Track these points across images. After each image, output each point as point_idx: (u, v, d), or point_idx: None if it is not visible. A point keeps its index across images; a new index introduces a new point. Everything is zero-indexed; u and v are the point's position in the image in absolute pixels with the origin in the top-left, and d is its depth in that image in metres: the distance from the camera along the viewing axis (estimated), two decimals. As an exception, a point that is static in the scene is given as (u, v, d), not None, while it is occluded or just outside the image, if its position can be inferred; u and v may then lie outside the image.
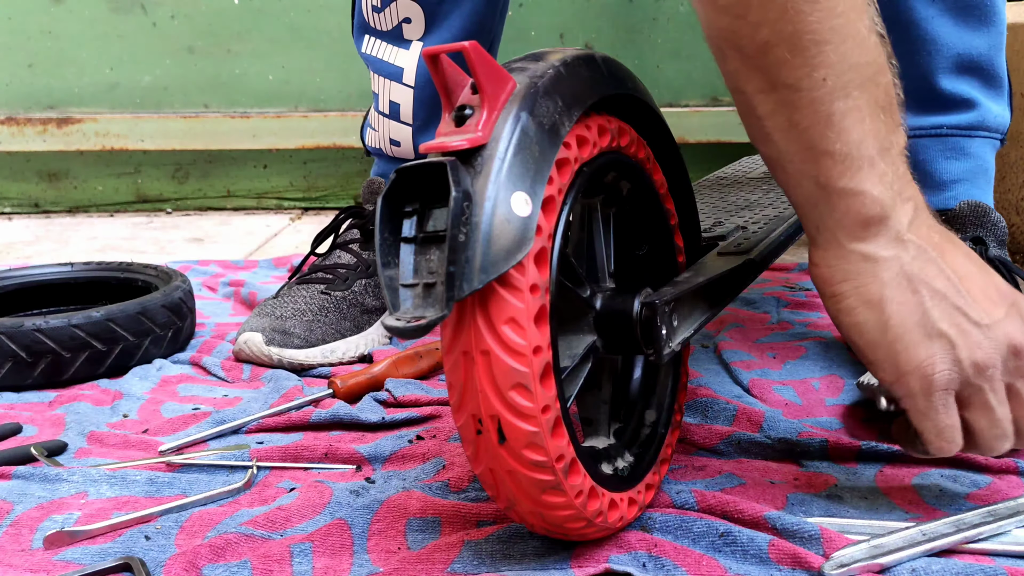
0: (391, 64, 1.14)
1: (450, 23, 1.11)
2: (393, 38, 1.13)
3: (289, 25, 2.03)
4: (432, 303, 0.51)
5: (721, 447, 0.79)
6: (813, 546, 0.62)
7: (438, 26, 1.11)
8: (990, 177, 0.98)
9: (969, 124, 0.96)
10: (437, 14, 1.10)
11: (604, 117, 0.62)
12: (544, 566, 0.61)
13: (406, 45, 1.13)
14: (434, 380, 1.00)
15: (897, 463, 0.77)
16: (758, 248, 0.76)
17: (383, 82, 1.16)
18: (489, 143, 0.52)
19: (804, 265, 1.42)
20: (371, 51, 1.16)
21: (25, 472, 0.77)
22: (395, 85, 1.15)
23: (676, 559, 0.62)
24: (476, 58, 0.52)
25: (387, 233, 0.53)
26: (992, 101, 0.97)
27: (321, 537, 0.66)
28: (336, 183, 2.10)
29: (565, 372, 0.59)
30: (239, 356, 1.06)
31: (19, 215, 2.10)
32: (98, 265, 1.21)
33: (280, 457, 0.81)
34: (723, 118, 1.98)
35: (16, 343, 0.97)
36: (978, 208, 0.93)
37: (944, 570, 0.60)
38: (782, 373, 0.97)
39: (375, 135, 1.20)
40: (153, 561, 0.64)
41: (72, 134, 2.03)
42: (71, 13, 2.01)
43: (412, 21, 1.12)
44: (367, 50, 1.16)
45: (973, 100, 0.96)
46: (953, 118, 0.96)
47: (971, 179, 0.97)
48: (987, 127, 0.97)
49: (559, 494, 0.56)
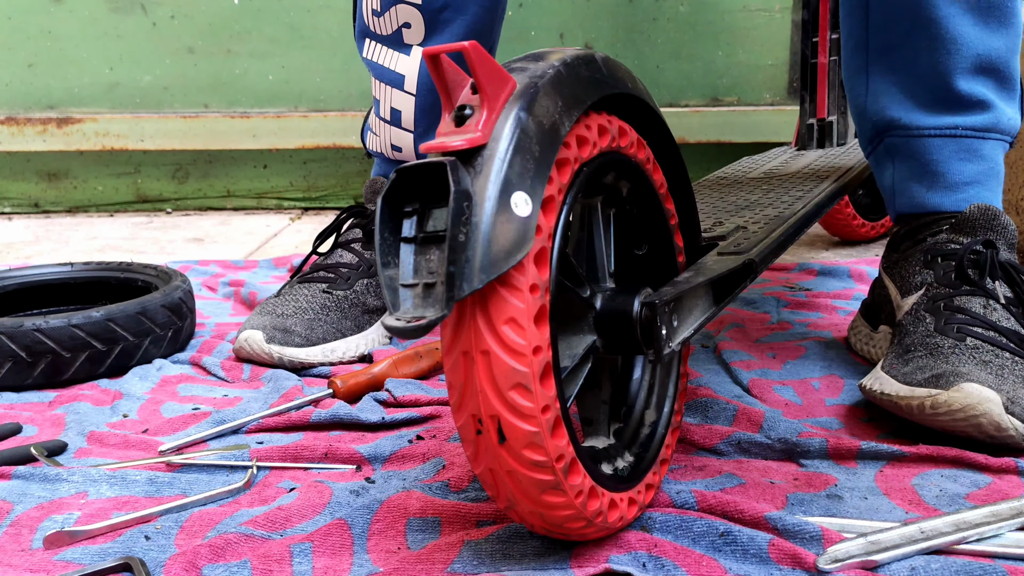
0: (392, 71, 1.14)
1: (451, 30, 1.11)
2: (393, 43, 1.13)
3: (289, 25, 2.03)
4: (432, 303, 0.51)
5: (721, 447, 0.79)
6: (813, 546, 0.62)
7: (438, 32, 1.11)
8: (1000, 180, 0.98)
9: (984, 126, 0.96)
10: (437, 20, 1.10)
11: (604, 117, 0.62)
12: (544, 566, 0.61)
13: (407, 51, 1.13)
14: (434, 380, 1.00)
15: (897, 463, 0.77)
16: (758, 248, 0.76)
17: (384, 88, 1.16)
18: (489, 143, 0.52)
19: (804, 265, 1.43)
20: (372, 56, 1.16)
21: (25, 472, 0.77)
22: (396, 92, 1.14)
23: (676, 559, 0.62)
24: (476, 58, 0.52)
25: (387, 233, 0.53)
26: (1006, 103, 0.97)
27: (321, 537, 0.66)
28: (336, 183, 2.11)
29: (565, 372, 0.59)
30: (240, 354, 1.06)
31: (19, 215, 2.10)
32: (98, 265, 1.21)
33: (280, 457, 0.81)
34: (723, 118, 1.98)
35: (16, 343, 0.97)
36: (988, 211, 0.93)
37: (943, 568, 0.60)
38: (782, 373, 0.97)
39: (376, 139, 1.20)
40: (153, 561, 0.64)
41: (72, 134, 2.03)
42: (71, 13, 2.01)
43: (412, 26, 1.11)
44: (368, 55, 1.16)
45: (988, 102, 0.95)
46: (969, 119, 0.95)
47: (983, 182, 0.96)
48: (1000, 129, 0.96)
49: (559, 494, 0.56)
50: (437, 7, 1.10)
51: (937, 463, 0.76)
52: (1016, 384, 0.78)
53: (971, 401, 0.75)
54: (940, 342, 0.84)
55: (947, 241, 0.93)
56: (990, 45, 0.94)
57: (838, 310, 1.20)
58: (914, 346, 0.85)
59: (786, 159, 1.36)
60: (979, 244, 0.91)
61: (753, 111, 1.99)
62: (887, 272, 0.99)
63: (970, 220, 0.93)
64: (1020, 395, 0.77)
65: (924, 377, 0.79)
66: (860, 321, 1.04)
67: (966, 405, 0.75)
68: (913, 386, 0.78)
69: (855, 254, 1.56)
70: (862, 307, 1.05)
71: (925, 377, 0.79)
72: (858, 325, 1.04)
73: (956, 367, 0.79)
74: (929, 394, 0.77)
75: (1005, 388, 0.77)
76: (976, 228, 0.92)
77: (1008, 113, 0.97)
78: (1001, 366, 0.80)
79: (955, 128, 0.96)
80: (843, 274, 1.37)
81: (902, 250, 0.98)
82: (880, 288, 1.01)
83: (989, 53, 0.94)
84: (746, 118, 1.98)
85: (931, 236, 0.95)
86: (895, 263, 0.98)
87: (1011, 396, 0.76)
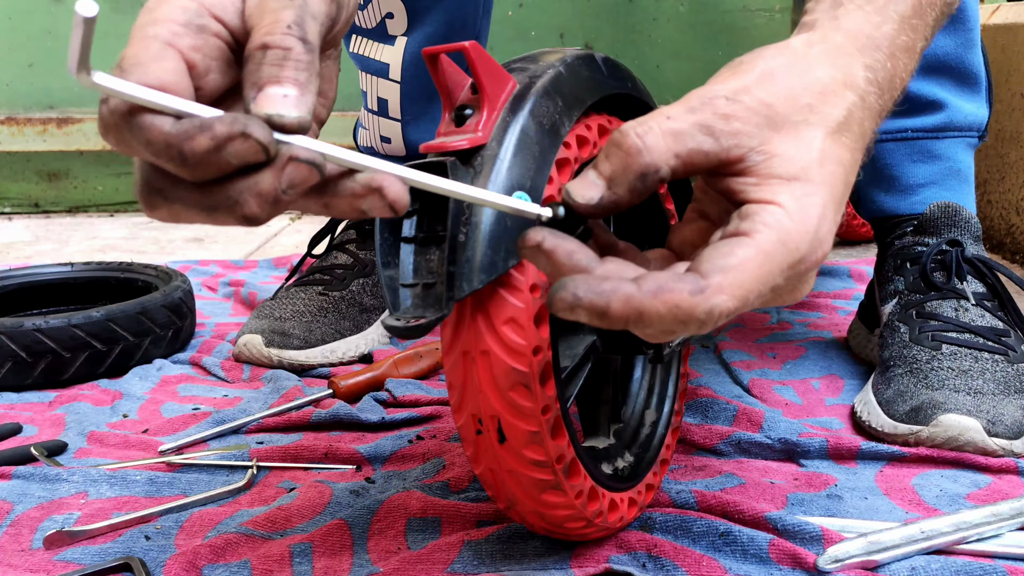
0: (377, 61, 1.14)
1: (432, 17, 1.11)
2: (377, 35, 1.14)
3: (289, 25, 2.02)
4: (432, 303, 0.51)
5: (721, 447, 0.79)
6: (813, 546, 0.62)
7: (420, 21, 1.11)
8: (964, 177, 0.97)
9: (936, 125, 0.95)
10: (419, 9, 1.11)
11: (604, 117, 0.62)
12: (544, 566, 0.61)
13: (391, 41, 1.13)
14: (434, 380, 1.00)
15: (897, 463, 0.77)
16: (758, 248, 0.76)
17: (370, 79, 1.16)
18: (489, 143, 0.52)
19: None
20: (358, 49, 1.16)
21: (25, 472, 0.77)
22: (382, 81, 1.15)
23: (676, 559, 0.62)
24: (476, 58, 0.52)
25: (387, 233, 0.53)
26: (964, 99, 0.96)
27: (321, 537, 0.66)
28: (336, 183, 2.10)
29: (565, 372, 0.59)
30: (239, 358, 1.06)
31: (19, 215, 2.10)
32: (98, 265, 1.21)
33: (280, 457, 0.81)
34: (723, 118, 1.98)
35: (16, 343, 0.97)
36: (948, 209, 0.93)
37: (943, 568, 0.60)
38: (782, 373, 0.97)
39: (366, 134, 1.21)
40: (153, 561, 0.64)
41: (72, 134, 2.03)
42: (71, 13, 2.01)
43: (395, 16, 1.12)
44: (354, 49, 1.17)
45: (940, 101, 0.95)
46: (918, 121, 0.95)
47: (941, 181, 0.96)
48: (956, 127, 0.96)
49: (559, 494, 0.56)
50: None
51: (937, 463, 0.76)
52: (996, 399, 0.78)
53: (952, 434, 0.76)
54: (917, 354, 0.85)
55: (913, 244, 0.94)
56: (936, 44, 0.93)
57: (838, 310, 1.20)
58: (893, 361, 0.86)
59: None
60: (944, 244, 0.91)
61: (753, 111, 1.98)
62: (875, 275, 1.00)
63: (932, 220, 0.93)
64: (1001, 412, 0.77)
65: (904, 411, 0.79)
66: (857, 323, 1.04)
67: (948, 438, 0.76)
68: (896, 421, 0.80)
69: (855, 254, 1.56)
70: (859, 309, 1.05)
71: (905, 411, 0.79)
72: (856, 327, 1.04)
73: (933, 396, 0.79)
74: (911, 431, 0.78)
75: (984, 409, 0.77)
76: (939, 227, 0.93)
77: (967, 109, 0.96)
78: (981, 373, 0.81)
79: (905, 131, 0.96)
80: (843, 274, 1.37)
81: (878, 254, 1.00)
82: (871, 290, 1.02)
83: (936, 52, 0.94)
84: (746, 118, 1.98)
85: (898, 239, 0.96)
86: (877, 268, 0.99)
87: (992, 417, 0.76)
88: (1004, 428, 0.76)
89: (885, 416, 0.80)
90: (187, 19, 0.42)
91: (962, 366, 0.81)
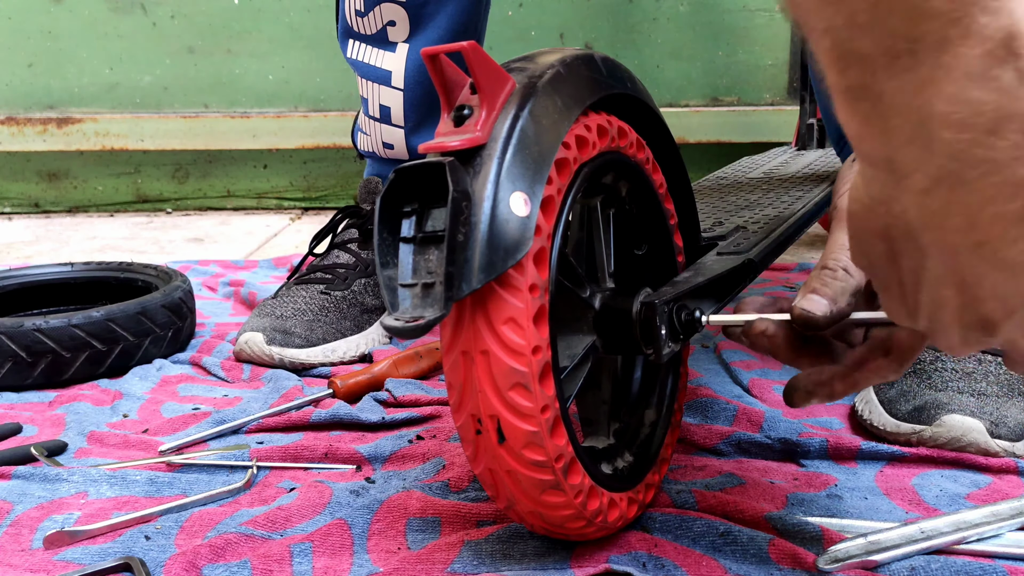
0: (378, 68, 1.14)
1: (436, 24, 1.10)
2: (378, 42, 1.13)
3: (289, 25, 2.03)
4: (431, 303, 0.51)
5: (721, 447, 0.79)
6: (813, 546, 0.62)
7: (423, 27, 1.11)
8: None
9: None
10: (421, 16, 1.10)
11: (604, 117, 0.61)
12: (544, 566, 0.61)
13: (392, 48, 1.13)
14: (434, 380, 1.00)
15: (897, 463, 0.77)
16: (758, 248, 0.76)
17: (372, 86, 1.16)
18: (488, 143, 0.52)
19: (804, 265, 1.42)
20: (357, 56, 1.15)
21: (25, 472, 0.77)
22: (384, 89, 1.14)
23: (676, 559, 0.62)
24: (475, 58, 0.52)
25: (386, 233, 0.53)
26: None
27: (321, 537, 0.66)
28: (336, 183, 2.11)
29: (565, 372, 0.59)
30: (240, 356, 1.06)
31: (19, 215, 2.10)
32: (98, 265, 1.21)
33: (280, 457, 0.81)
34: (723, 118, 1.98)
35: (16, 343, 0.97)
36: None
37: (943, 568, 0.60)
38: (782, 373, 0.97)
39: (367, 139, 1.20)
40: (153, 561, 0.64)
41: (72, 134, 2.03)
42: (71, 13, 2.01)
43: (396, 24, 1.11)
44: (352, 55, 1.16)
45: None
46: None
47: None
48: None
49: (559, 494, 0.56)
50: (420, 2, 1.10)
51: (937, 463, 0.76)
52: (1000, 401, 0.78)
53: (955, 434, 0.76)
54: (921, 355, 0.84)
55: None
56: None
57: (838, 310, 1.20)
58: None
59: (786, 159, 1.36)
60: None
61: (753, 111, 1.99)
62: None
63: None
64: (1004, 414, 0.77)
65: (907, 410, 0.79)
66: None
67: (951, 438, 0.76)
68: (899, 420, 0.80)
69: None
70: (861, 308, 1.05)
71: (908, 410, 0.79)
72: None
73: (937, 396, 0.79)
74: (914, 430, 0.78)
75: (988, 410, 0.77)
76: None
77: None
78: (985, 375, 0.81)
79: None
80: (843, 274, 1.36)
81: None
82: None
83: None
84: (746, 118, 1.98)
85: None
86: None
87: (995, 418, 0.76)
88: (1007, 430, 0.76)
89: (887, 415, 0.80)
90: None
91: (965, 368, 0.81)
